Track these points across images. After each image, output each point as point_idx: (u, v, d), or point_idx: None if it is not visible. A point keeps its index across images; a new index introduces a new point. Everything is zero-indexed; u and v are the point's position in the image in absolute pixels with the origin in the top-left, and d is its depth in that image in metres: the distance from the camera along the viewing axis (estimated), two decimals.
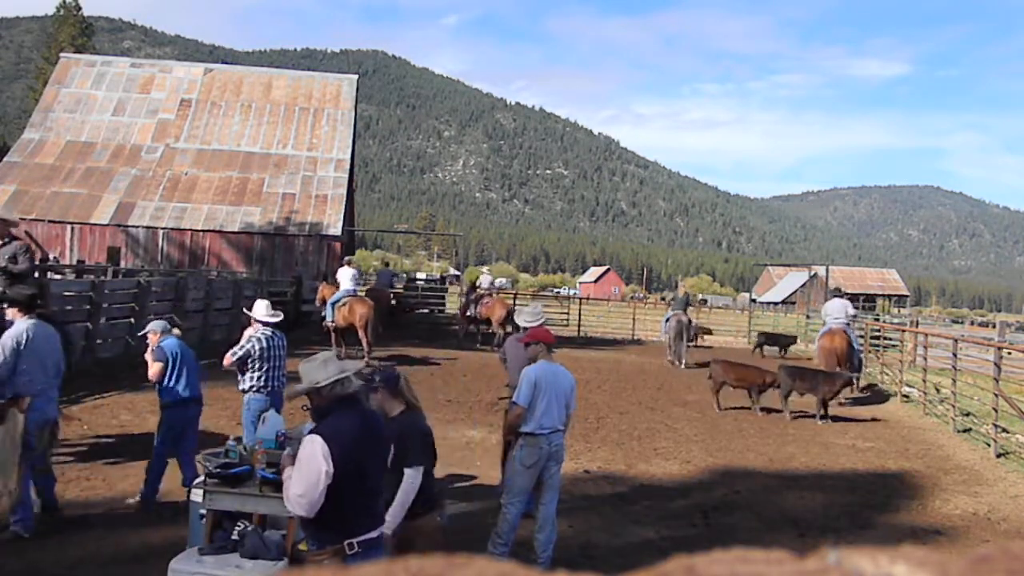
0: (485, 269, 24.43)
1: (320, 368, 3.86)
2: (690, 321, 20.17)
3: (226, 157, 27.52)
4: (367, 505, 3.83)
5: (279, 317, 7.56)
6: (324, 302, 16.88)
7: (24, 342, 5.95)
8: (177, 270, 21.32)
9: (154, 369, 6.87)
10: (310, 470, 3.66)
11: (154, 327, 7.14)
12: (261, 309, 7.42)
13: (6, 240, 8.95)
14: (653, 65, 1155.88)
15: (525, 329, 7.36)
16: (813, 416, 12.64)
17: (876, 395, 16.08)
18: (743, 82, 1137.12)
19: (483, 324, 20.15)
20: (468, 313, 20.27)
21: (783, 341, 23.23)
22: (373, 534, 3.80)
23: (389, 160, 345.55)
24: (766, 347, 22.62)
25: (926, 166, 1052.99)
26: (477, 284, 21.34)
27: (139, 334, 8.18)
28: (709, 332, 25.47)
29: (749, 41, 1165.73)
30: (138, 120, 28.30)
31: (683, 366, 18.74)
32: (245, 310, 7.95)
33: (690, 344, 20.17)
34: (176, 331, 7.28)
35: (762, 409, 12.90)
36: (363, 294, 19.16)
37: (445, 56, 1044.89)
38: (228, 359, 7.23)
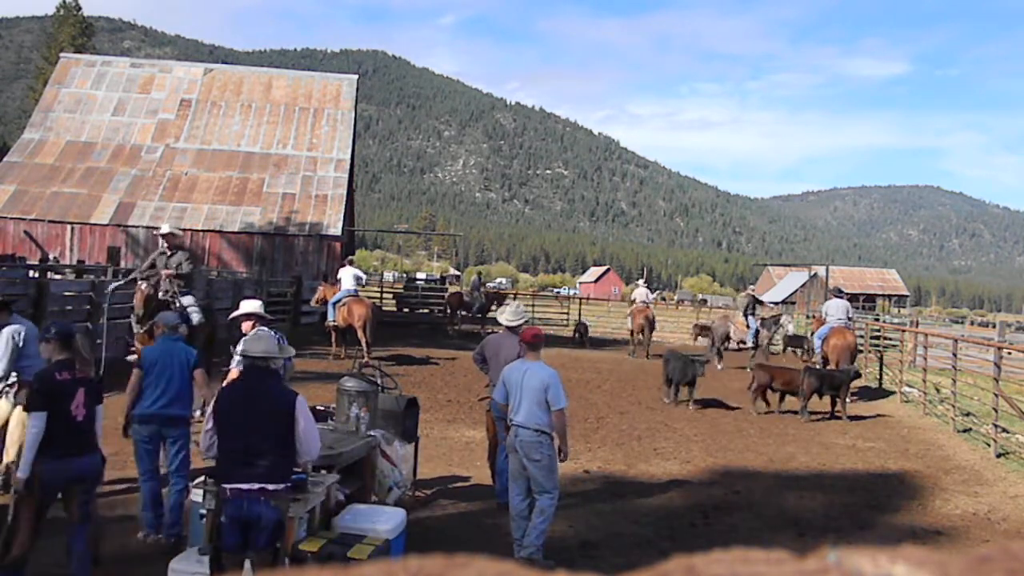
0: (642, 282, 24.19)
1: (251, 340, 5.02)
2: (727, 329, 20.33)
3: (226, 157, 27.50)
4: (240, 461, 4.45)
5: (258, 304, 7.16)
6: (323, 302, 16.95)
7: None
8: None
9: (132, 379, 6.16)
10: (207, 417, 4.70)
11: (159, 319, 6.73)
12: (246, 305, 7.10)
13: (174, 251, 10.71)
14: (647, 65, 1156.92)
15: (512, 327, 7.53)
16: (829, 417, 12.69)
17: (874, 394, 16.08)
18: (741, 82, 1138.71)
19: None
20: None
21: (806, 343, 23.32)
22: (244, 486, 4.39)
23: (389, 160, 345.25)
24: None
25: (926, 166, 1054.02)
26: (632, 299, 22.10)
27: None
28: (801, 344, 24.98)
29: (742, 41, 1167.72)
30: (138, 120, 28.27)
31: (720, 367, 18.71)
32: (230, 317, 7.35)
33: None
34: (182, 328, 6.94)
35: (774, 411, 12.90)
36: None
37: (440, 56, 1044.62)
38: (234, 371, 6.67)
